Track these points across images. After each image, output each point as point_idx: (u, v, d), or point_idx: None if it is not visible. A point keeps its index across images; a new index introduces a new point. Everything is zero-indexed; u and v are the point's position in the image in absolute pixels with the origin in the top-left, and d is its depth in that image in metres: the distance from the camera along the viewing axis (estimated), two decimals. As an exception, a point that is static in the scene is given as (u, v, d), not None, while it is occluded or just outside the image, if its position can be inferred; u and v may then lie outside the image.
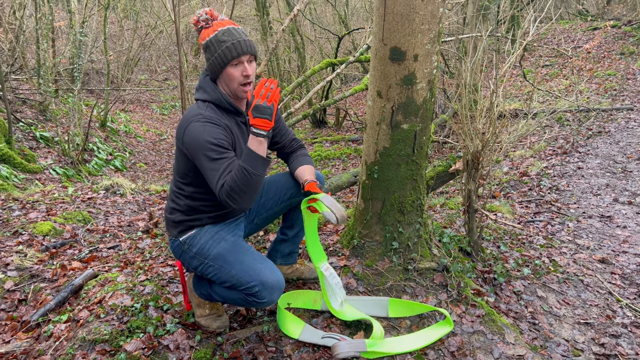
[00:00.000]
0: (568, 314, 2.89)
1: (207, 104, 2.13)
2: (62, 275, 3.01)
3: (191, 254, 2.20)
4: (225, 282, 2.12)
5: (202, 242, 2.19)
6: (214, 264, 2.14)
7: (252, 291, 2.05)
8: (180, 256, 2.26)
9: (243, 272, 2.07)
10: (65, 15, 14.50)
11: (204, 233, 2.21)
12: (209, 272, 2.17)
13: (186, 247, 2.21)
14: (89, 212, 4.44)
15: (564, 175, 5.73)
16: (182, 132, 2.06)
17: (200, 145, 2.00)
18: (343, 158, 8.93)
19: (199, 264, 2.19)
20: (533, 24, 4.65)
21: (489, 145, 2.95)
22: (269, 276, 2.05)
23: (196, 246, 2.19)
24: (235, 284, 2.09)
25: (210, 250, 2.16)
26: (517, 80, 11.24)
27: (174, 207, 2.25)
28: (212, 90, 2.14)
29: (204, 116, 2.05)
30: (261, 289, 2.03)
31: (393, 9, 2.38)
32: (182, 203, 2.22)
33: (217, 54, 2.06)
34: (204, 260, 2.17)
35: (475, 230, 3.16)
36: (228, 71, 2.09)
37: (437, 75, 2.63)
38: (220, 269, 2.12)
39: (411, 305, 2.49)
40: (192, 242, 2.20)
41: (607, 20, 13.98)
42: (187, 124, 2.05)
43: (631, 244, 3.91)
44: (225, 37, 2.06)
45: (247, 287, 2.05)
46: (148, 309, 2.45)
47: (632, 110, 8.21)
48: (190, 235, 2.21)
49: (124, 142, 11.41)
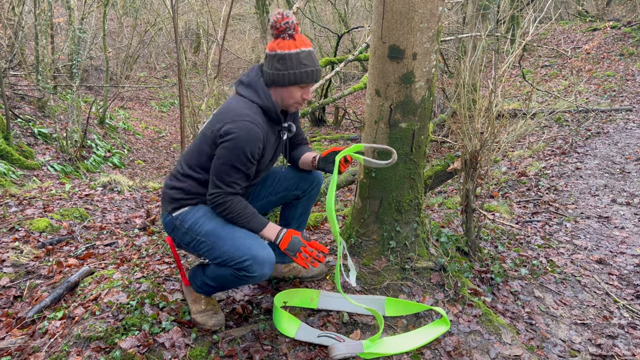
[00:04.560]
0: (565, 315, 2.88)
1: (256, 106, 2.12)
2: (58, 272, 3.00)
3: (183, 230, 2.21)
4: (217, 259, 2.14)
5: (194, 218, 2.19)
6: (206, 239, 2.16)
7: (243, 265, 2.07)
8: (171, 232, 2.26)
9: (235, 247, 2.09)
10: (64, 11, 14.46)
11: (197, 210, 2.22)
12: (201, 248, 2.18)
13: (178, 222, 2.21)
14: (86, 208, 4.42)
15: (562, 176, 5.73)
16: (222, 124, 2.05)
17: (235, 149, 2.03)
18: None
19: (190, 240, 2.20)
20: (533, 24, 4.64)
21: (487, 145, 2.94)
22: (260, 251, 2.09)
23: (188, 222, 2.19)
24: (226, 260, 2.11)
25: (202, 227, 2.17)
26: (516, 80, 11.23)
27: (176, 185, 2.24)
28: (265, 96, 2.14)
29: (252, 119, 2.06)
30: (252, 263, 2.06)
31: (392, 7, 2.37)
32: (187, 184, 2.22)
33: (293, 73, 2.08)
34: (196, 237, 2.18)
35: (472, 230, 3.15)
36: (292, 89, 2.13)
37: (436, 74, 2.62)
38: (213, 244, 2.14)
39: (408, 305, 2.48)
40: (184, 218, 2.20)
41: (606, 21, 13.98)
42: (232, 120, 2.04)
43: (629, 245, 3.90)
44: (307, 62, 2.09)
45: (239, 261, 2.08)
46: (144, 306, 2.44)
47: (631, 112, 8.21)
48: (183, 212, 2.22)
49: (123, 139, 11.39)
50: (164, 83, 17.38)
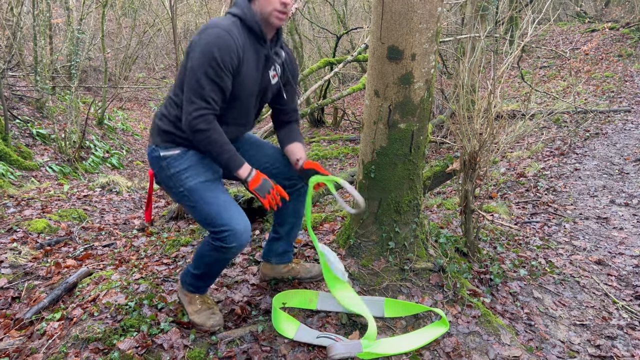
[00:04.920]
0: (564, 316, 2.88)
1: (234, 18, 2.08)
2: (56, 273, 2.99)
3: (167, 174, 2.15)
4: (196, 218, 2.15)
5: (182, 167, 2.14)
6: (189, 195, 2.13)
7: (221, 236, 2.07)
8: (156, 169, 2.20)
9: (217, 214, 2.08)
10: (63, 12, 14.44)
11: (187, 158, 2.15)
12: (183, 201, 2.16)
13: (164, 164, 2.15)
14: (85, 209, 4.42)
15: (561, 177, 5.73)
16: (196, 36, 2.01)
17: (203, 54, 1.95)
18: (340, 157, 8.92)
19: (173, 186, 2.16)
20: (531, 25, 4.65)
21: (486, 145, 2.94)
22: (240, 222, 2.07)
23: (176, 168, 2.13)
24: (206, 223, 2.11)
25: (188, 181, 2.13)
26: (515, 81, 11.25)
27: (165, 114, 2.16)
28: (245, 6, 2.08)
29: (224, 27, 2.00)
30: (230, 234, 2.05)
31: (391, 7, 2.37)
32: (174, 113, 2.13)
33: None
34: (180, 187, 2.14)
35: (471, 230, 3.15)
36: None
37: (435, 75, 2.62)
38: (195, 204, 2.11)
39: (407, 306, 2.48)
40: (172, 163, 2.14)
41: (605, 22, 14.00)
42: (205, 29, 1.99)
43: (627, 245, 3.91)
44: None
45: (218, 230, 2.07)
46: (142, 307, 2.43)
47: (629, 112, 8.23)
48: (172, 156, 2.14)
49: (121, 140, 11.37)
50: (162, 84, 17.37)
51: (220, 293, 2.60)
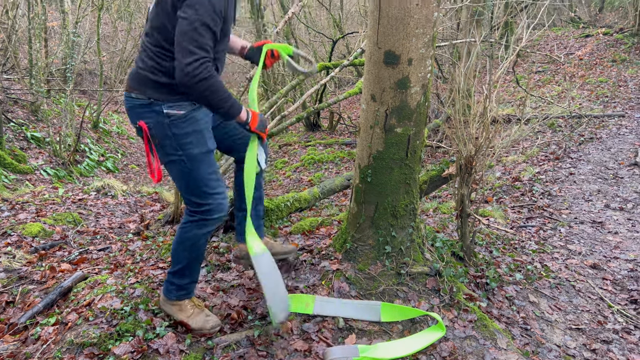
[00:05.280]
0: (560, 320, 2.89)
1: None
2: (51, 277, 2.97)
3: (168, 133, 2.09)
4: (183, 184, 2.18)
5: (186, 131, 2.11)
6: (187, 163, 2.13)
7: (205, 208, 2.17)
8: (152, 123, 2.09)
9: (207, 185, 2.16)
10: (58, 15, 14.41)
11: (191, 122, 2.13)
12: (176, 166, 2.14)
13: (167, 121, 2.08)
14: (80, 213, 4.40)
15: (556, 181, 5.75)
16: None
17: (202, 4, 1.92)
18: (336, 161, 8.92)
19: (169, 146, 2.11)
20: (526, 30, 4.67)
21: (482, 150, 2.95)
22: (222, 200, 2.21)
23: (179, 130, 2.10)
24: (192, 193, 2.17)
25: (190, 147, 2.12)
26: (510, 85, 11.30)
27: (158, 67, 2.06)
28: None
29: None
30: (213, 208, 2.18)
31: (388, 12, 2.38)
32: (169, 65, 2.05)
33: None
34: (179, 151, 2.11)
35: (467, 234, 3.16)
36: None
37: (431, 79, 2.63)
38: (190, 172, 2.14)
39: (403, 310, 2.48)
40: (176, 123, 2.09)
41: (599, 28, 14.10)
42: None
43: (622, 249, 3.92)
44: None
45: (203, 202, 2.16)
46: (138, 312, 2.42)
47: (623, 117, 8.27)
48: (177, 115, 2.09)
49: (116, 143, 11.34)
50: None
51: (216, 297, 2.59)
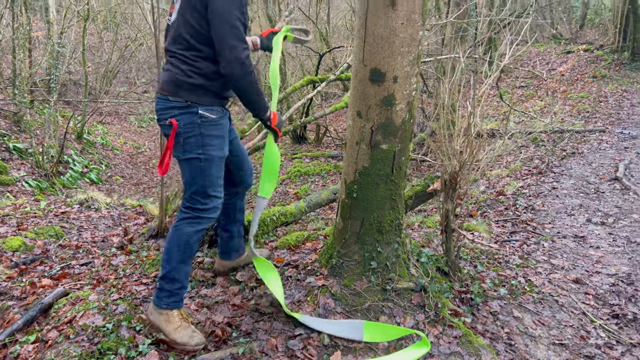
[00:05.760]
0: (543, 335, 2.91)
1: None
2: (31, 293, 2.91)
3: (196, 132, 2.27)
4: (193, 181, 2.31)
5: (213, 134, 2.31)
6: (205, 162, 2.30)
7: (206, 206, 2.34)
8: (184, 121, 2.25)
9: (214, 185, 2.35)
10: (43, 25, 14.32)
11: (219, 127, 2.34)
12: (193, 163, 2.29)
13: (199, 121, 2.26)
14: (62, 227, 4.33)
15: (539, 195, 5.82)
16: None
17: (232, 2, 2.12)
18: (323, 174, 8.93)
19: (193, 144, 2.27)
20: (509, 46, 4.75)
21: (466, 165, 2.98)
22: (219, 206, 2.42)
23: (207, 131, 2.29)
24: (198, 191, 2.32)
25: (212, 149, 2.32)
26: (494, 100, 11.46)
27: (193, 70, 2.24)
28: None
29: None
30: (216, 206, 2.38)
31: (374, 31, 2.41)
32: (204, 65, 2.24)
33: None
34: (199, 150, 2.28)
35: (452, 249, 3.18)
36: None
37: (416, 96, 2.66)
38: (205, 170, 2.31)
39: (387, 330, 2.47)
40: (206, 124, 2.28)
41: (580, 44, 14.42)
42: None
43: (604, 264, 3.97)
44: None
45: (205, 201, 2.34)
46: (120, 329, 2.38)
47: (604, 132, 8.43)
48: (209, 118, 2.29)
49: (101, 154, 11.23)
50: (143, 98, 17.25)
51: (200, 314, 2.57)
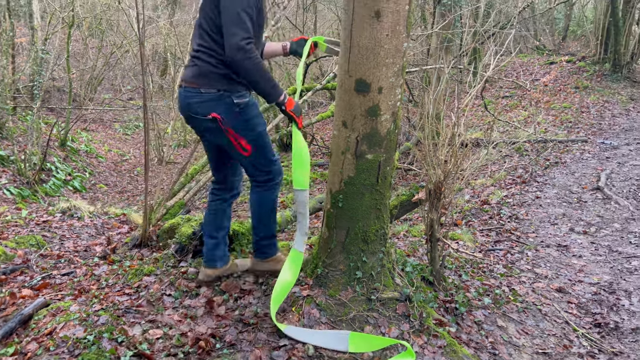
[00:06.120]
0: (527, 344, 2.93)
1: None
2: (10, 304, 2.86)
3: (243, 119, 2.55)
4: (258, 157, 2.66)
5: (254, 113, 2.60)
6: (259, 139, 2.62)
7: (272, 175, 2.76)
8: (225, 113, 2.49)
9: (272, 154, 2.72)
10: (27, 31, 14.17)
11: (254, 107, 2.61)
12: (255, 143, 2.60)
13: (237, 109, 2.52)
14: (44, 236, 4.27)
15: (523, 204, 5.88)
16: None
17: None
18: (309, 183, 8.93)
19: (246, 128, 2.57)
20: (494, 57, 4.81)
21: (451, 175, 3.00)
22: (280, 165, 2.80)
23: (249, 115, 2.57)
24: (264, 163, 2.69)
25: (259, 126, 2.62)
26: (478, 110, 11.58)
27: (218, 61, 2.45)
28: None
29: None
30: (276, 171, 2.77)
31: (359, 42, 2.43)
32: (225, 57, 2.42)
33: None
34: (254, 131, 2.59)
35: (437, 259, 3.19)
36: None
37: (401, 107, 2.68)
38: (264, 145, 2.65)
39: (372, 340, 2.46)
40: (246, 110, 2.55)
41: (562, 56, 14.65)
42: None
43: (586, 273, 4.02)
44: None
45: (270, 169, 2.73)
46: (101, 340, 2.35)
47: (586, 142, 8.56)
48: (244, 103, 2.54)
49: (84, 162, 11.11)
50: (129, 105, 17.13)
51: (184, 325, 2.54)
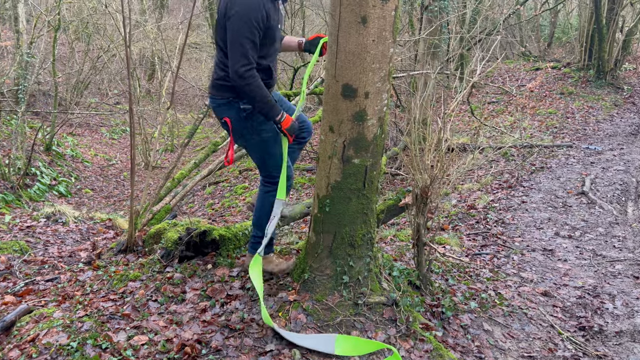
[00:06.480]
0: (513, 348, 2.95)
1: None
2: (-8, 311, 2.82)
3: (248, 125, 2.71)
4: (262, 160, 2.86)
5: (260, 120, 2.70)
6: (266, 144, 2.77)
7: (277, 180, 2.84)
8: (234, 118, 2.68)
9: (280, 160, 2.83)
10: (12, 35, 14.02)
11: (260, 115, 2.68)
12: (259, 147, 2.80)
13: (244, 114, 2.67)
14: (27, 241, 4.21)
15: (509, 209, 5.93)
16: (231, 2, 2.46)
17: (242, 17, 2.44)
18: (297, 187, 8.92)
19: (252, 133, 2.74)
20: (480, 62, 4.86)
21: (437, 180, 3.02)
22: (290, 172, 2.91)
23: (254, 121, 2.70)
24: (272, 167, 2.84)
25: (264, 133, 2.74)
26: (465, 115, 11.67)
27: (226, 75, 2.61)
28: None
29: None
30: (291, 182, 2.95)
31: (345, 47, 2.44)
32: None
33: None
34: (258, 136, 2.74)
35: (424, 263, 3.20)
36: None
37: (387, 112, 2.69)
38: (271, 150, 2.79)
39: (359, 343, 2.46)
40: (251, 116, 2.68)
41: (548, 62, 14.84)
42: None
43: (571, 277, 4.06)
44: None
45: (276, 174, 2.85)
46: (85, 347, 2.32)
47: (571, 148, 8.66)
48: (250, 108, 2.64)
49: (70, 166, 10.99)
50: (115, 110, 17.00)
51: (169, 331, 2.52)
